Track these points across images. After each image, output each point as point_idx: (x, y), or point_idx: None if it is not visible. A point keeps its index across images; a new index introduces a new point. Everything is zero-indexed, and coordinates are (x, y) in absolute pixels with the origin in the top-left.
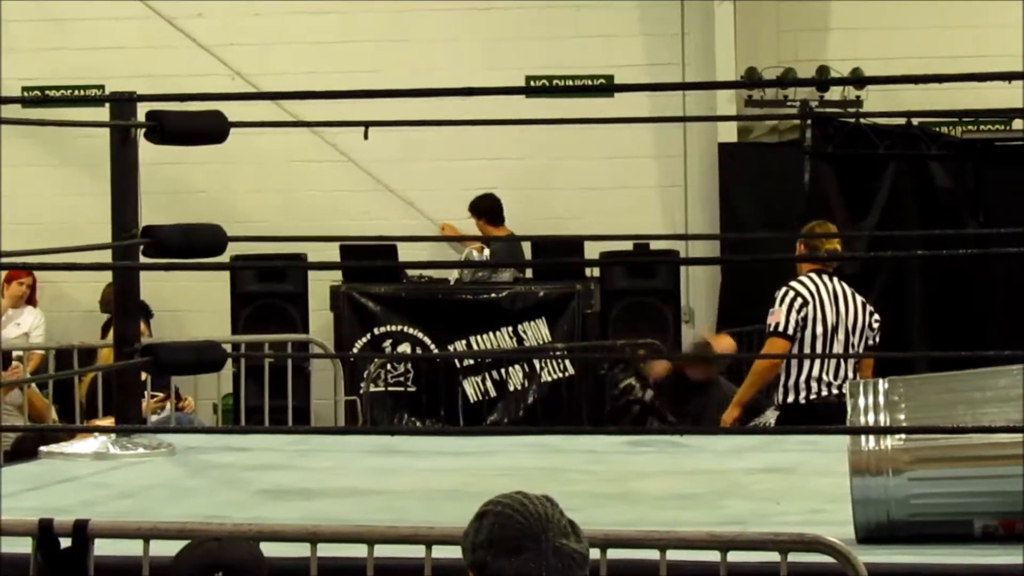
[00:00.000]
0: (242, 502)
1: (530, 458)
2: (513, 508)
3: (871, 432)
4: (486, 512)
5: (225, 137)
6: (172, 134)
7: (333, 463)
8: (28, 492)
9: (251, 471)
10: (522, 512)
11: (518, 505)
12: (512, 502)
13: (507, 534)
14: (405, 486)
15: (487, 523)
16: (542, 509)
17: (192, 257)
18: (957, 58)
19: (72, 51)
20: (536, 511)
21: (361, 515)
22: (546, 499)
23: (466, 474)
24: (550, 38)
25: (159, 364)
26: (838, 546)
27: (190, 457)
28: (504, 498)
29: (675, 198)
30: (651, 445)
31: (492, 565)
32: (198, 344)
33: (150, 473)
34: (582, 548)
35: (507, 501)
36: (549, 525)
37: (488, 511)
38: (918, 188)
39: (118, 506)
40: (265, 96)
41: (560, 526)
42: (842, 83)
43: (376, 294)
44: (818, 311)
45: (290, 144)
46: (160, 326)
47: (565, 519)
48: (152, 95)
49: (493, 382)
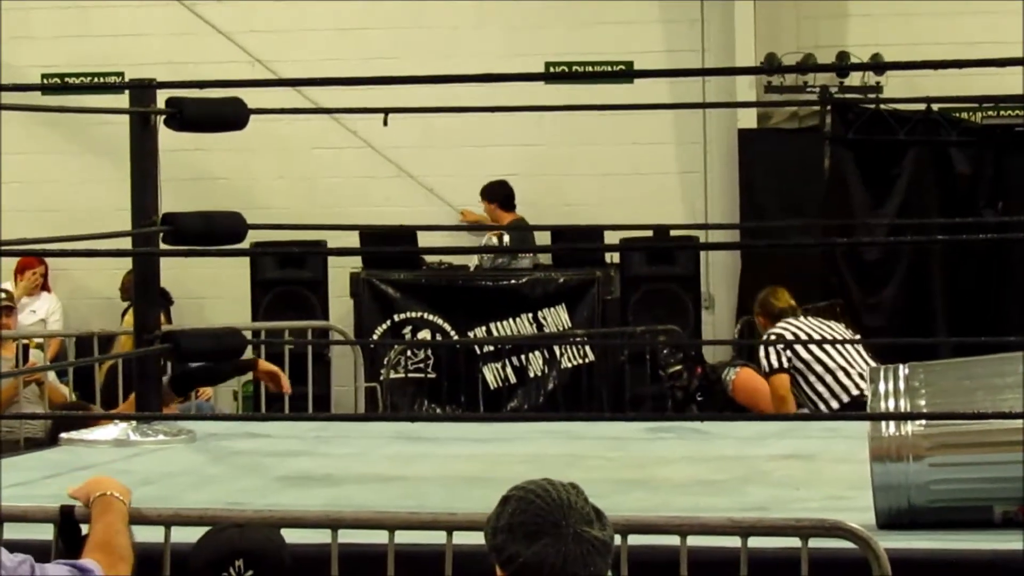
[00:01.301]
0: (263, 488)
1: (551, 445)
2: (535, 494)
3: (891, 418)
4: (509, 497)
5: (244, 124)
6: (192, 121)
7: (353, 450)
8: (48, 479)
9: (272, 458)
10: (544, 498)
11: (541, 491)
12: (536, 488)
13: (527, 519)
14: (426, 472)
15: (509, 508)
16: (565, 496)
17: (212, 244)
18: (977, 44)
19: (92, 38)
20: (558, 498)
21: (382, 501)
22: (571, 486)
23: (487, 460)
24: (570, 25)
25: (179, 351)
26: (859, 532)
27: (210, 444)
28: (529, 484)
29: (695, 184)
30: (672, 432)
31: (511, 550)
32: (218, 331)
33: (171, 460)
34: (604, 536)
35: (531, 487)
36: (570, 512)
37: (511, 496)
38: (938, 174)
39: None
40: (285, 83)
41: (582, 513)
42: (862, 69)
43: (396, 281)
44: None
45: (310, 131)
46: (180, 313)
47: (589, 506)
48: (172, 82)
49: (513, 368)
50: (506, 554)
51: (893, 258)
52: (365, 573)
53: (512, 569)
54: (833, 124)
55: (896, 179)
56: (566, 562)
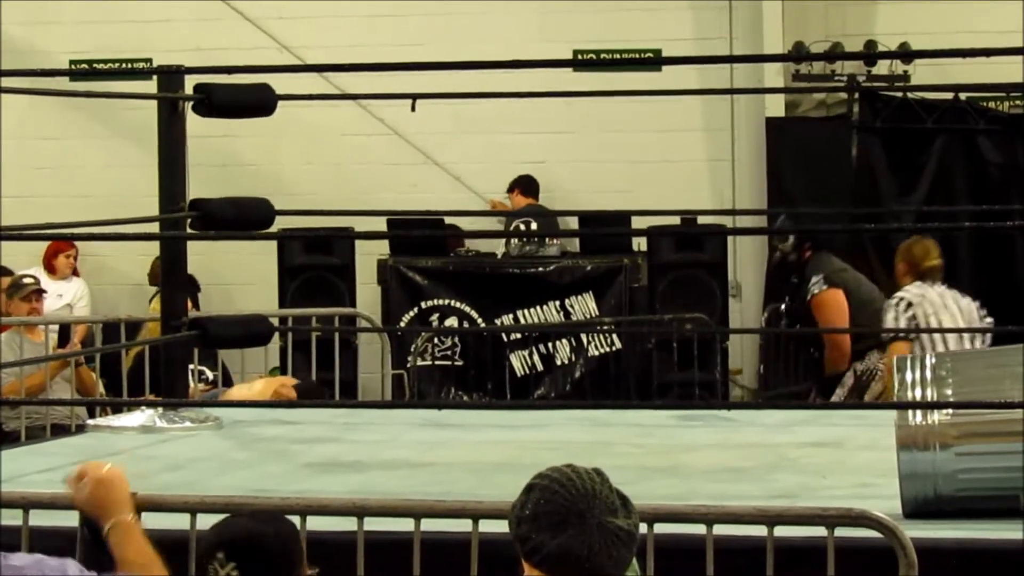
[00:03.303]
0: (289, 475)
1: (578, 432)
2: (560, 483)
3: (918, 407)
4: (533, 486)
5: (273, 110)
6: (220, 107)
7: (380, 437)
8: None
9: (298, 444)
10: (568, 487)
11: (565, 480)
12: (560, 476)
13: (551, 509)
14: (452, 459)
15: (533, 497)
16: (589, 485)
17: (239, 230)
18: (1005, 32)
19: (120, 24)
20: (583, 487)
21: (408, 488)
22: (596, 472)
23: (514, 447)
24: (598, 12)
25: (206, 337)
26: (885, 521)
27: (237, 430)
28: (553, 471)
29: (723, 172)
30: (699, 419)
31: (535, 539)
32: (245, 317)
33: (197, 446)
34: (629, 525)
35: (555, 475)
36: (595, 502)
37: (535, 485)
38: (966, 163)
39: (165, 479)
40: (313, 68)
41: (607, 502)
42: (889, 57)
43: (423, 267)
44: (927, 311)
45: (338, 117)
46: (208, 300)
47: (614, 494)
48: (200, 67)
49: (540, 356)
50: (531, 544)
51: None
52: (391, 561)
53: (537, 559)
54: (861, 112)
55: (924, 167)
56: (591, 553)
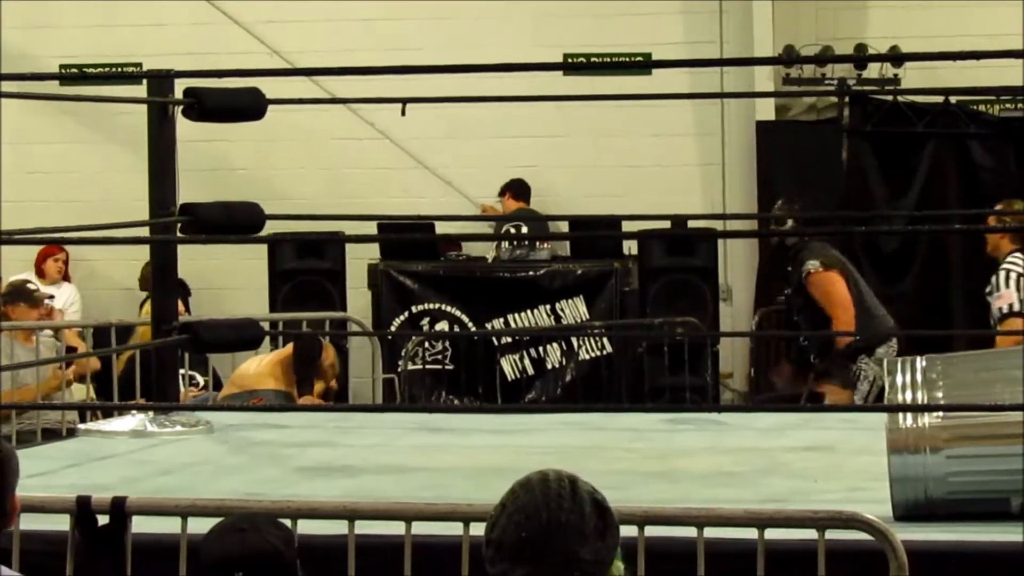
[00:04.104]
0: (281, 479)
1: (570, 436)
2: (526, 512)
3: (909, 410)
4: (504, 506)
5: (263, 114)
6: (210, 111)
7: (372, 441)
8: (66, 469)
9: (290, 448)
10: (532, 519)
11: (531, 510)
12: (528, 504)
13: (514, 540)
14: (444, 464)
15: (501, 521)
16: (556, 515)
17: (230, 234)
18: (996, 36)
19: (111, 28)
20: (549, 519)
21: (400, 492)
22: (568, 491)
23: (506, 452)
24: (589, 16)
25: (197, 341)
26: (876, 524)
27: (229, 435)
28: (524, 491)
29: (713, 176)
30: (691, 423)
31: (497, 567)
32: (236, 321)
33: (189, 451)
34: (599, 551)
35: (524, 499)
36: (561, 533)
37: (506, 505)
38: (957, 166)
39: (156, 483)
40: (303, 72)
41: (575, 530)
42: (880, 60)
43: (414, 272)
44: None
45: (329, 122)
46: (198, 304)
47: (589, 516)
48: (190, 71)
49: (531, 360)
50: (494, 570)
51: (911, 250)
52: (382, 564)
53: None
54: (851, 116)
55: (914, 171)
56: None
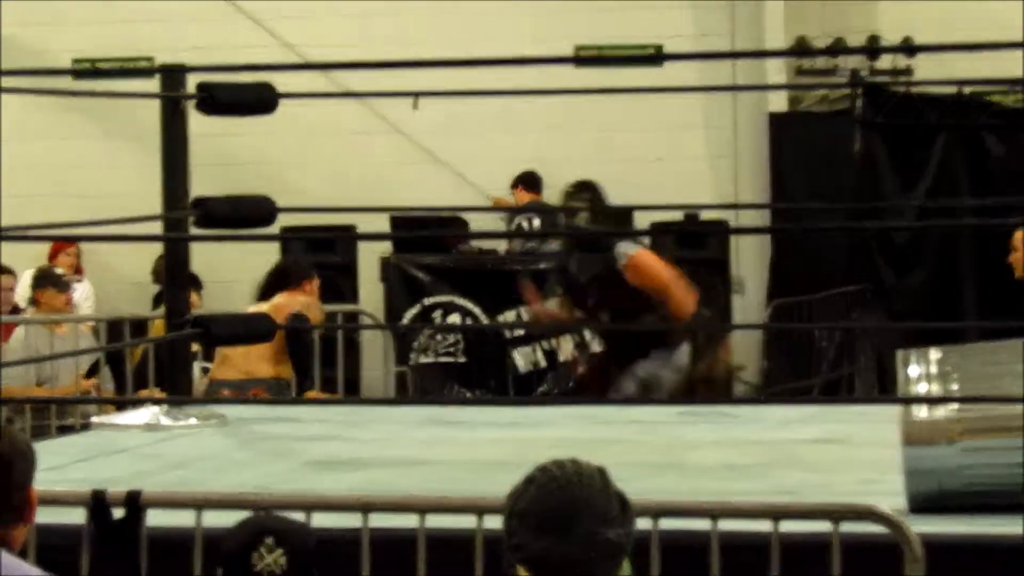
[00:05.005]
0: (293, 473)
1: (581, 429)
2: (558, 483)
3: (923, 402)
4: (532, 479)
5: (274, 108)
6: (221, 105)
7: (383, 434)
8: (79, 463)
9: (302, 442)
10: (565, 490)
11: (563, 481)
12: (559, 476)
13: (541, 510)
14: (456, 457)
15: (529, 492)
16: (587, 491)
17: (241, 228)
18: (1008, 27)
19: (122, 23)
20: (579, 493)
21: (412, 486)
22: (598, 474)
23: (517, 445)
24: (599, 8)
25: (209, 335)
26: (890, 516)
27: (241, 428)
28: (556, 467)
29: (725, 169)
30: (702, 416)
31: (518, 539)
32: (248, 315)
33: (201, 444)
34: (620, 536)
35: (556, 472)
36: (588, 510)
37: (535, 478)
38: (969, 157)
39: (170, 477)
40: (313, 67)
41: (602, 511)
42: (892, 51)
43: (426, 265)
44: None
45: (339, 116)
46: (210, 297)
47: (614, 501)
48: (201, 66)
49: (543, 353)
50: (514, 541)
51: (923, 242)
52: (395, 557)
53: (519, 557)
54: (864, 108)
55: (927, 163)
56: (571, 562)
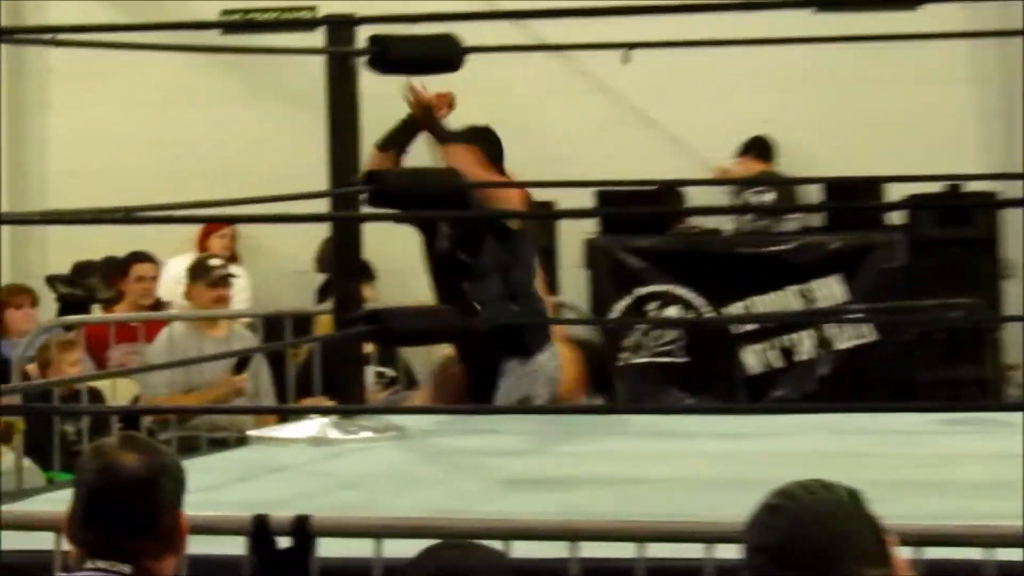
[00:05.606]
0: (484, 493)
1: (823, 440)
2: (812, 516)
3: None
4: (779, 508)
5: (459, 65)
6: (398, 62)
7: (590, 448)
8: (237, 483)
9: (494, 457)
10: (819, 525)
11: (817, 515)
12: (813, 505)
13: (796, 545)
14: (676, 474)
15: (778, 525)
16: (844, 524)
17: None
18: None
19: None
20: (835, 528)
21: (623, 508)
22: (854, 503)
23: (750, 460)
24: None
25: (387, 333)
26: None
27: (423, 441)
28: (804, 492)
29: (995, 131)
30: (971, 424)
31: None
32: (431, 309)
33: (377, 460)
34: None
35: (806, 500)
36: (850, 548)
37: (781, 508)
38: None
39: (341, 498)
40: (505, 15)
41: (863, 547)
42: None
43: (638, 248)
44: None
45: (534, 73)
46: (382, 289)
47: (873, 533)
48: (374, 17)
49: (778, 351)
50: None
51: None
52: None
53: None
54: None
55: None
56: None
